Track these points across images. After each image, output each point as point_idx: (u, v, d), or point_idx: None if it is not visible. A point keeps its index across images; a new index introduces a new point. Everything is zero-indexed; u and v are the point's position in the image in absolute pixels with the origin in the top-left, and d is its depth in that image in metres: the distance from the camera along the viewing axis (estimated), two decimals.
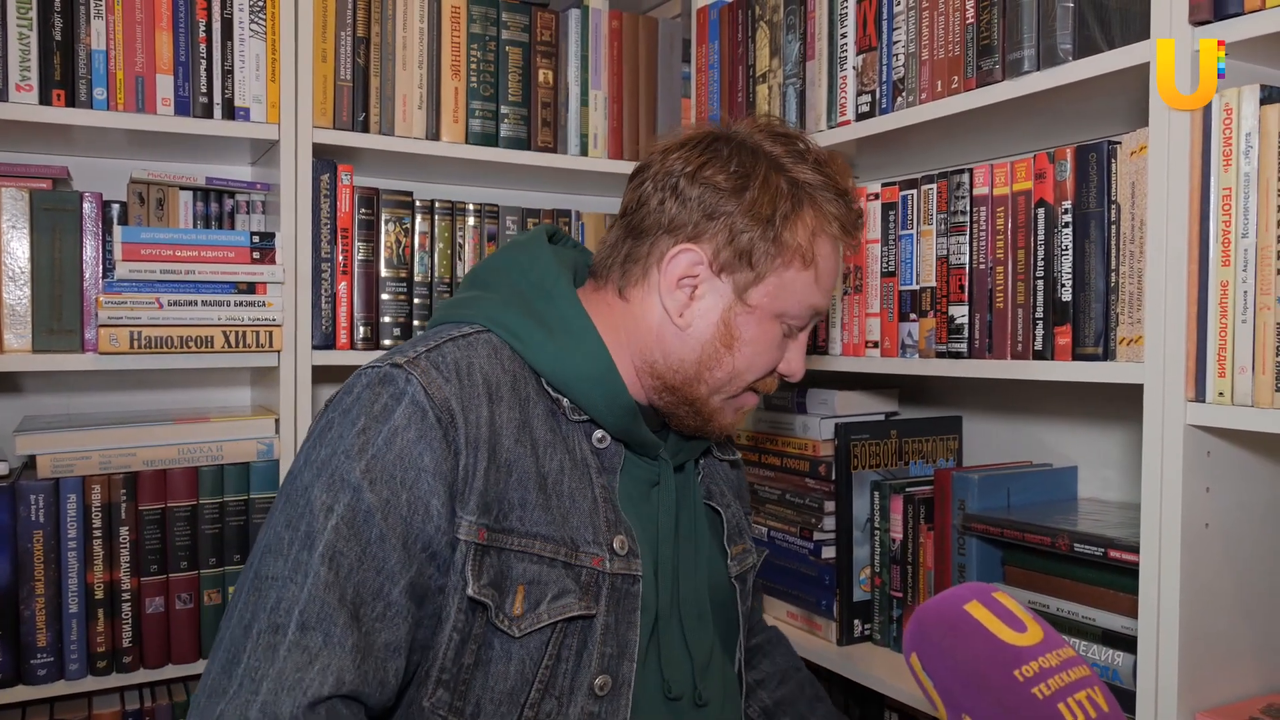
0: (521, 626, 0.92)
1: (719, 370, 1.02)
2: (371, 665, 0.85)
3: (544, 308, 1.02)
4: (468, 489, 0.91)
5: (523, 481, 0.94)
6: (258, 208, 1.74)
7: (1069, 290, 1.21)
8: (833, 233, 1.03)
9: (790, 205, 1.00)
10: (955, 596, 0.77)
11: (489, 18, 1.78)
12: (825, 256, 1.03)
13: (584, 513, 0.97)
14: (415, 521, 0.88)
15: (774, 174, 1.01)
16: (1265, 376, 0.99)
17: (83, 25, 1.49)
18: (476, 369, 0.95)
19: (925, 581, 1.51)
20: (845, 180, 1.05)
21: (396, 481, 0.88)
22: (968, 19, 1.32)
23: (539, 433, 0.97)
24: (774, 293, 1.01)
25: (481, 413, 0.92)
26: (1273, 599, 1.15)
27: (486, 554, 0.91)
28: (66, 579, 1.48)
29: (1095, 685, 0.72)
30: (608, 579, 0.96)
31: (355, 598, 0.85)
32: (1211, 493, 1.09)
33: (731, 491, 1.21)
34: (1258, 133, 1.00)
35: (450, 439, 0.90)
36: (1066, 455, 1.58)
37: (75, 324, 1.51)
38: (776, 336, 1.03)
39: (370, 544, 0.86)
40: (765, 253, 1.00)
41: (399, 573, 0.87)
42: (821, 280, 1.03)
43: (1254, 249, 1.00)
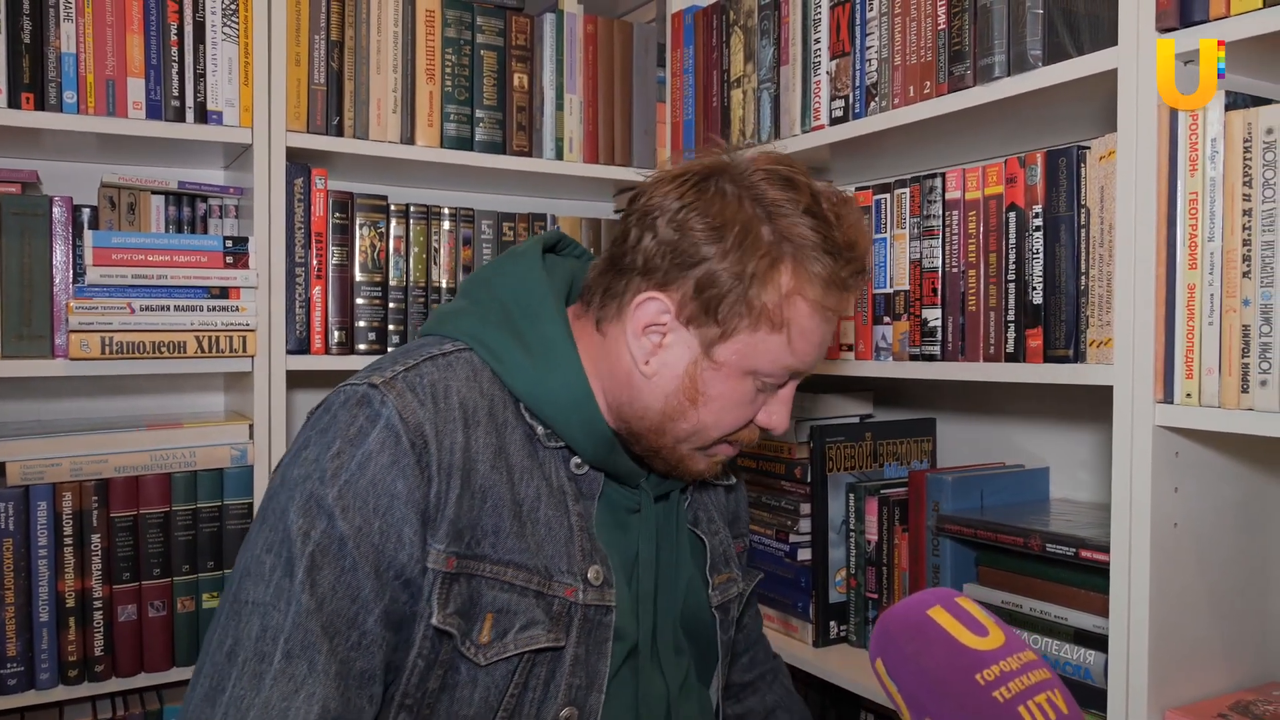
0: (487, 655, 0.90)
1: (684, 423, 0.98)
2: (353, 693, 0.85)
3: (527, 327, 0.99)
4: (439, 517, 0.89)
5: (497, 508, 0.92)
6: (231, 212, 1.73)
7: (1040, 293, 1.23)
8: (813, 296, 0.94)
9: (766, 263, 0.93)
10: (919, 602, 0.78)
11: (464, 21, 1.78)
12: (801, 319, 0.95)
13: (559, 541, 0.95)
14: (388, 549, 0.87)
15: (757, 225, 0.93)
16: (1231, 378, 1.01)
17: (52, 28, 1.47)
18: (454, 392, 0.93)
19: (900, 583, 1.52)
20: (850, 234, 0.96)
21: (369, 508, 0.87)
22: (939, 25, 1.33)
23: (515, 459, 0.95)
24: (743, 351, 0.95)
25: (456, 438, 0.91)
26: (1241, 597, 1.16)
27: (455, 581, 0.90)
28: (37, 587, 1.46)
29: (1056, 688, 0.73)
30: (580, 610, 0.94)
31: (330, 626, 0.84)
32: (1180, 493, 1.10)
33: (723, 518, 1.18)
34: (1223, 138, 1.02)
35: (424, 465, 0.89)
36: (1039, 456, 1.59)
37: (45, 329, 1.50)
38: (748, 393, 0.97)
39: (344, 572, 0.85)
40: (733, 311, 0.93)
41: (373, 601, 0.86)
42: (796, 344, 0.95)
43: (1220, 252, 1.02)
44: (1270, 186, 0.98)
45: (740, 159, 0.98)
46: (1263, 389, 0.98)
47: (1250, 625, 1.18)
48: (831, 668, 1.53)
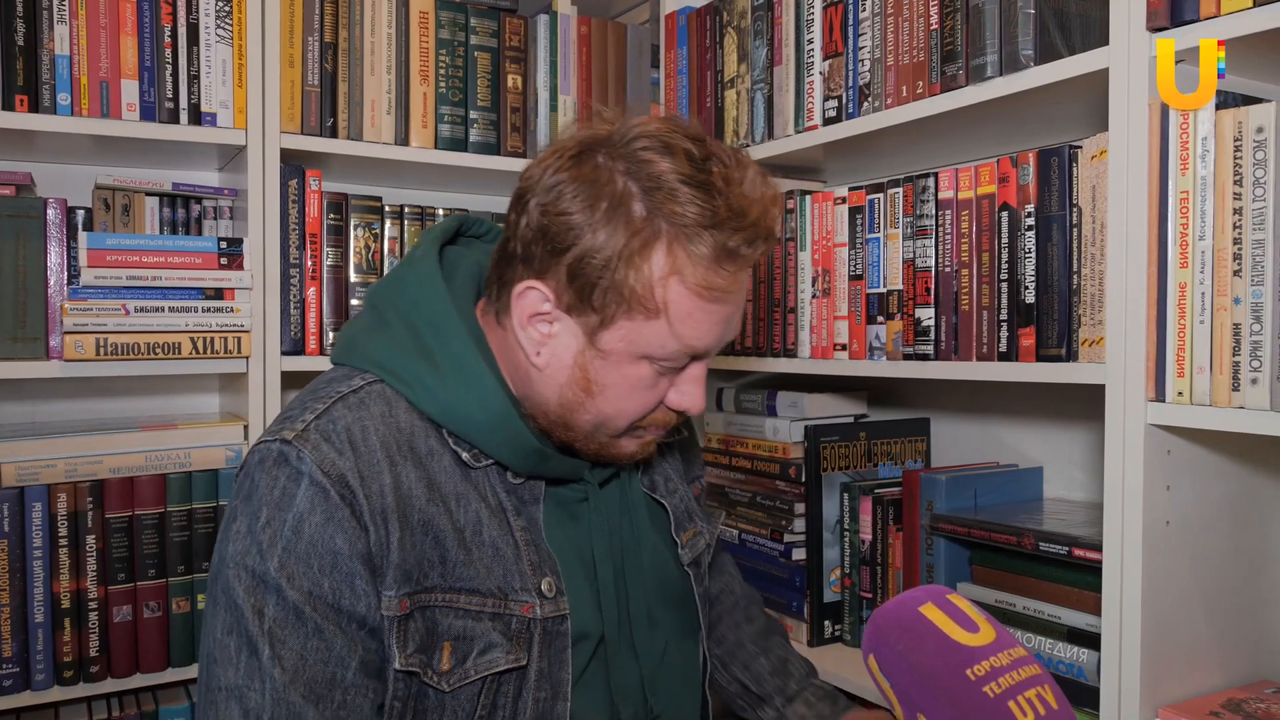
0: (450, 682, 0.89)
1: (584, 415, 0.94)
2: None
3: (436, 346, 0.94)
4: (385, 564, 0.87)
5: (440, 540, 0.90)
6: (225, 213, 1.73)
7: (1032, 292, 1.23)
8: (693, 278, 0.87)
9: (638, 244, 0.86)
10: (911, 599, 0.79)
11: (457, 23, 1.78)
12: (682, 303, 0.88)
13: (508, 560, 0.93)
14: (344, 604, 0.86)
15: (628, 202, 0.86)
16: (1223, 376, 1.01)
17: (46, 30, 1.47)
18: (371, 433, 0.90)
19: (895, 582, 1.53)
20: (740, 201, 0.88)
21: (315, 570, 0.85)
22: (932, 25, 1.34)
23: (448, 488, 0.92)
24: (627, 338, 0.90)
25: (384, 481, 0.88)
26: (1233, 595, 1.17)
27: (410, 620, 0.88)
28: (32, 588, 1.46)
29: (1045, 683, 0.73)
30: (539, 624, 0.93)
31: (312, 693, 0.84)
32: (1172, 491, 1.11)
33: (677, 473, 1.16)
34: (1214, 137, 1.02)
35: (358, 515, 0.86)
36: (1032, 456, 1.60)
37: (40, 331, 1.50)
38: (645, 378, 0.92)
39: (309, 638, 0.84)
40: (607, 298, 0.88)
41: (348, 655, 0.86)
42: (680, 329, 0.89)
43: (1211, 251, 1.02)
44: (1261, 185, 0.98)
45: (625, 126, 0.90)
46: (1254, 387, 0.99)
47: (1243, 623, 1.18)
48: (826, 667, 1.53)
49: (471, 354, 0.93)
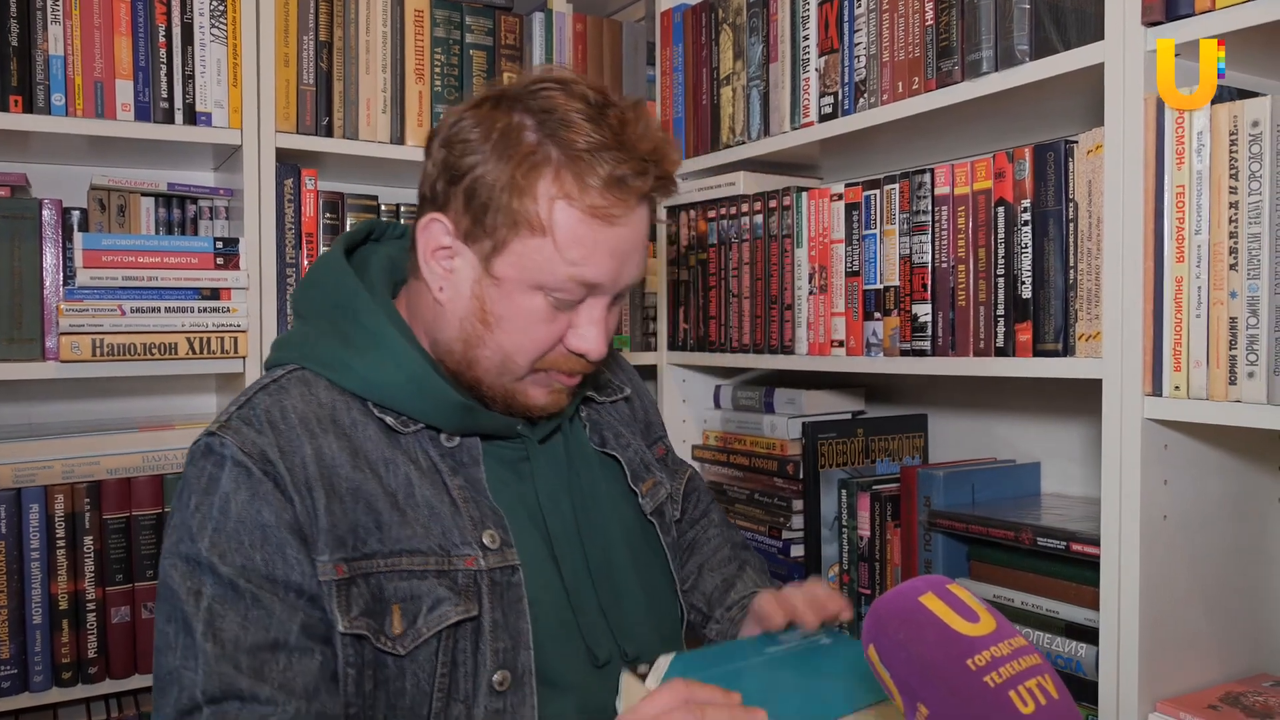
0: (405, 645, 0.91)
1: (485, 350, 0.97)
2: (304, 706, 0.86)
3: (349, 327, 0.99)
4: (314, 530, 0.90)
5: (372, 505, 0.92)
6: (221, 213, 1.73)
7: (1029, 287, 1.23)
8: (580, 199, 0.91)
9: (528, 167, 0.91)
10: (911, 589, 0.79)
11: (452, 21, 1.78)
12: (570, 225, 0.92)
13: (445, 517, 0.95)
14: (279, 574, 0.88)
15: (521, 130, 0.92)
16: (1219, 370, 1.01)
17: (40, 30, 1.47)
18: (290, 410, 0.94)
19: (893, 578, 1.53)
20: (630, 136, 0.93)
21: (245, 545, 0.88)
22: (927, 21, 1.34)
23: (374, 455, 0.95)
24: (518, 263, 0.93)
25: (305, 453, 0.92)
26: (1230, 589, 1.17)
27: (353, 585, 0.90)
28: (30, 590, 1.46)
29: (1046, 673, 0.73)
30: (485, 575, 0.94)
31: (254, 662, 0.86)
32: (1169, 485, 1.11)
33: (632, 429, 1.18)
34: (1209, 131, 1.02)
35: (281, 488, 0.90)
36: (1030, 451, 1.60)
37: (36, 332, 1.50)
38: (541, 310, 0.95)
39: (249, 608, 0.87)
40: (499, 220, 0.92)
41: (288, 620, 0.88)
42: (568, 251, 0.92)
43: (1206, 245, 1.03)
44: (1256, 179, 0.99)
45: (529, 77, 0.97)
46: (1250, 381, 0.99)
47: (1240, 617, 1.18)
48: None
49: (384, 326, 0.98)
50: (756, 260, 1.66)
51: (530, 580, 0.97)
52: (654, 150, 0.95)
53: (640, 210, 0.97)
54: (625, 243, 0.95)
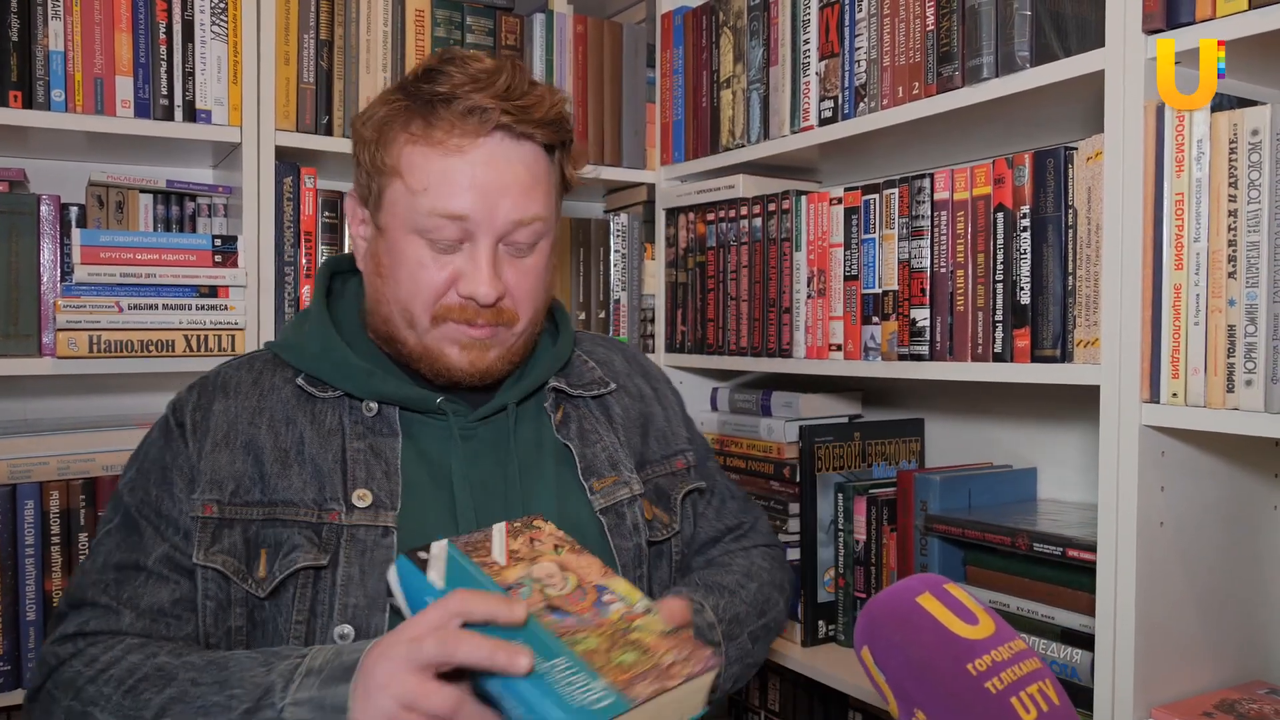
0: (265, 587, 0.98)
1: (385, 304, 1.06)
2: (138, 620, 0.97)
3: (305, 316, 1.13)
4: (197, 471, 1.02)
5: (259, 458, 1.02)
6: (220, 211, 1.72)
7: (1027, 293, 1.23)
8: (426, 139, 1.01)
9: (386, 122, 1.04)
10: (907, 589, 0.77)
11: (453, 21, 1.77)
12: (411, 160, 1.02)
13: (324, 474, 1.02)
14: (164, 507, 1.01)
15: (383, 100, 1.06)
16: (1217, 378, 1.02)
17: (40, 26, 1.47)
18: (219, 375, 1.09)
19: (889, 582, 1.53)
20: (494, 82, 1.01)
21: (148, 480, 1.03)
22: (928, 26, 1.34)
23: (278, 413, 1.05)
24: (390, 211, 1.04)
25: (214, 407, 1.05)
26: (1226, 596, 1.17)
27: (224, 526, 1.00)
28: (24, 586, 1.46)
29: (1047, 678, 0.72)
30: (346, 530, 0.99)
31: (116, 577, 0.99)
32: (1166, 492, 1.11)
33: (613, 428, 1.17)
34: (1209, 139, 1.03)
35: (184, 435, 1.04)
36: (1026, 457, 1.60)
37: (33, 328, 1.49)
38: (424, 254, 1.02)
39: (128, 535, 1.01)
40: (372, 177, 1.06)
41: (151, 548, 1.00)
42: (413, 182, 1.01)
43: (1205, 253, 1.03)
44: (1255, 187, 0.99)
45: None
46: (1248, 389, 0.99)
47: (1236, 624, 1.18)
48: (820, 667, 1.53)
49: (321, 313, 1.11)
50: (755, 263, 1.66)
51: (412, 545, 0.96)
52: (514, 89, 1.02)
53: (501, 143, 1.02)
54: (484, 173, 1.01)
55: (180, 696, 0.88)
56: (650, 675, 0.78)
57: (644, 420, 1.21)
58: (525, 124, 1.03)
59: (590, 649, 0.80)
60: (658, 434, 1.22)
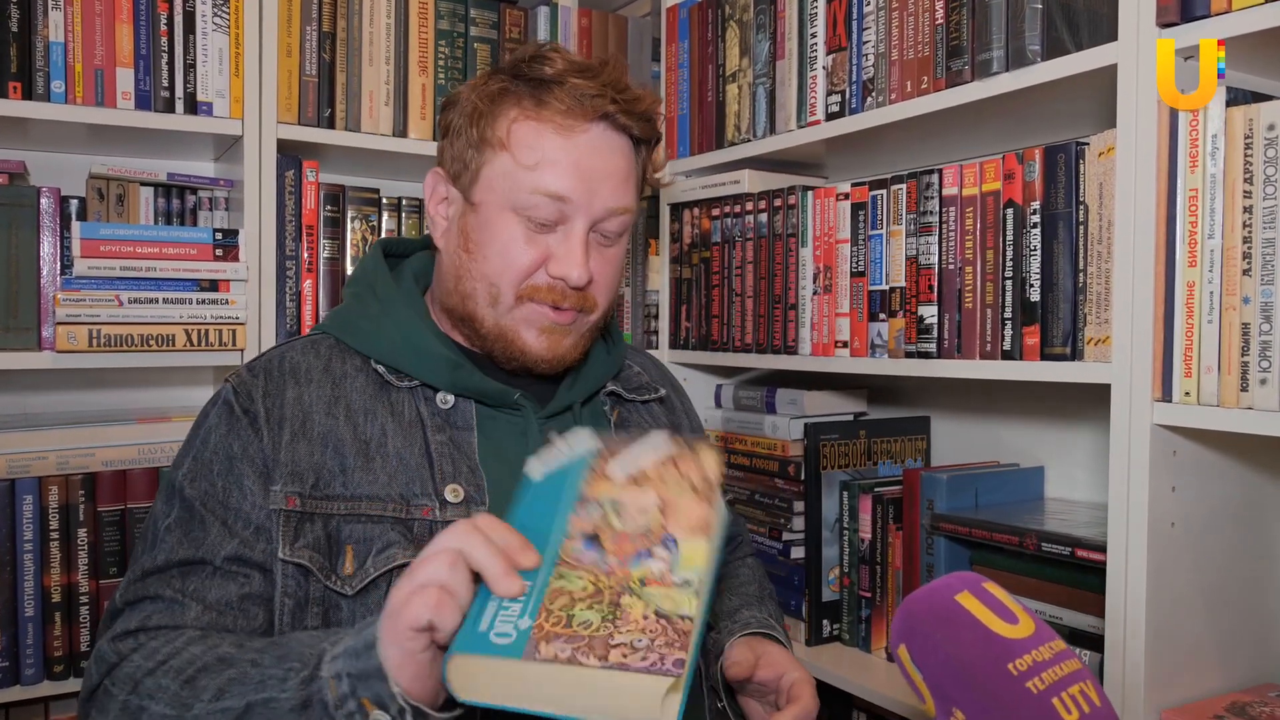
0: (353, 585, 0.95)
1: (470, 280, 1.04)
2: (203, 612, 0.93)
3: (370, 299, 1.09)
4: (275, 463, 0.98)
5: (340, 450, 0.99)
6: (221, 204, 1.71)
7: (1037, 290, 1.22)
8: (537, 116, 1.01)
9: (493, 98, 1.03)
10: (946, 586, 0.76)
11: (457, 14, 1.76)
12: (522, 135, 1.01)
13: (411, 469, 0.99)
14: (232, 502, 0.97)
15: (487, 78, 1.05)
16: (1231, 377, 1.00)
17: (40, 17, 1.45)
18: (286, 360, 1.04)
19: (894, 581, 1.52)
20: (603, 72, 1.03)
21: (213, 472, 0.98)
22: (937, 20, 1.32)
23: (356, 403, 1.02)
24: (488, 185, 1.02)
25: (286, 395, 1.01)
26: (1237, 598, 1.16)
27: (307, 520, 0.96)
28: (22, 582, 1.45)
29: (1088, 679, 0.71)
30: (441, 526, 0.95)
31: (180, 571, 0.95)
32: (1177, 492, 1.10)
33: None
34: (1223, 134, 1.01)
35: (255, 424, 0.99)
36: (1034, 455, 1.59)
37: (32, 321, 1.48)
38: (518, 232, 1.02)
39: (193, 529, 0.96)
40: (470, 149, 1.04)
41: (219, 545, 0.95)
42: (522, 157, 1.01)
43: (1220, 250, 1.01)
44: (1271, 183, 0.97)
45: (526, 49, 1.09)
46: (1262, 388, 0.98)
47: (1247, 626, 1.17)
48: (824, 666, 1.52)
49: (393, 294, 1.08)
50: (760, 259, 1.65)
51: None
52: (618, 81, 1.04)
53: (604, 132, 1.03)
54: (588, 157, 1.02)
55: (240, 677, 0.84)
56: (583, 645, 0.69)
57: (674, 429, 1.23)
58: (628, 116, 1.04)
59: (564, 589, 0.73)
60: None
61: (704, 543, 0.77)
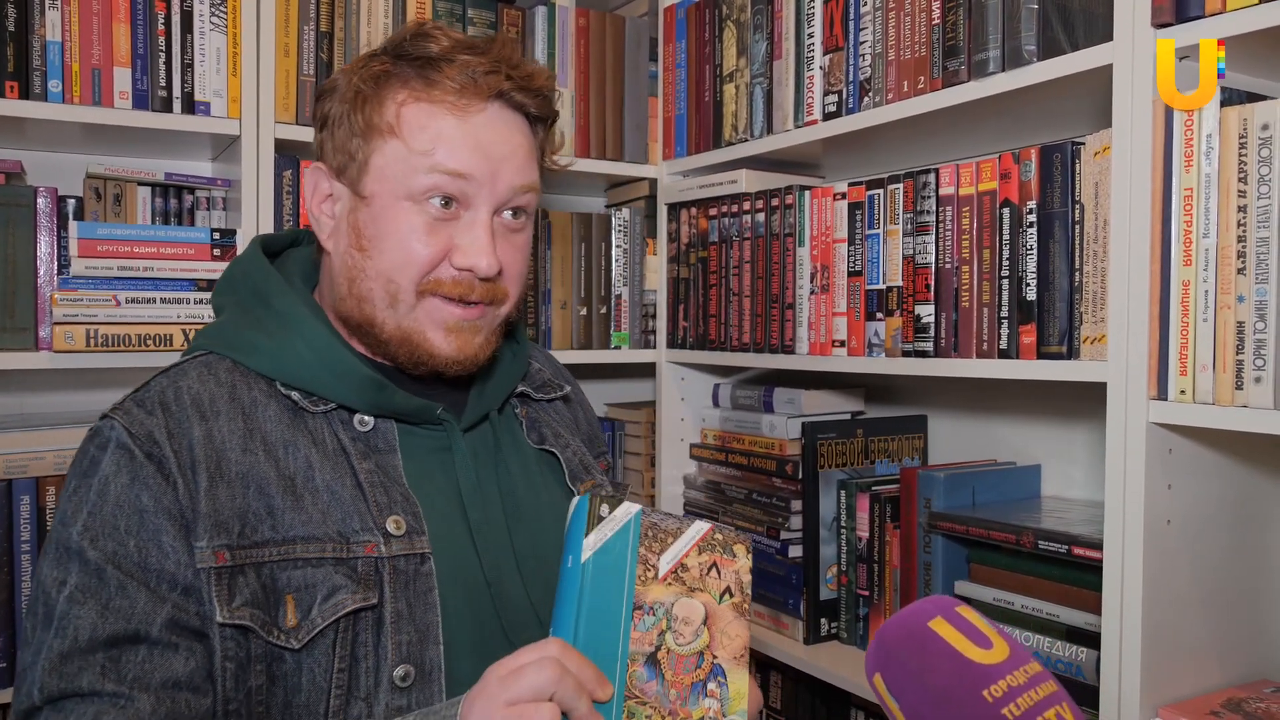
0: (299, 637, 0.86)
1: (365, 281, 0.96)
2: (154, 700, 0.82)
3: (262, 311, 0.99)
4: (194, 515, 0.86)
5: (263, 490, 0.89)
6: (219, 204, 1.71)
7: (1034, 289, 1.22)
8: (428, 96, 0.95)
9: (377, 81, 0.96)
10: (920, 612, 0.75)
11: (454, 14, 1.76)
12: (413, 118, 0.95)
13: (345, 502, 0.91)
14: (152, 562, 0.85)
15: (375, 60, 0.98)
16: (1226, 375, 1.01)
17: (37, 16, 1.45)
18: (184, 392, 0.92)
19: (891, 580, 1.52)
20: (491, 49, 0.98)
21: (121, 530, 0.85)
22: (934, 20, 1.33)
23: (273, 435, 0.92)
24: (380, 174, 0.95)
25: (193, 434, 0.89)
26: (1233, 595, 1.16)
27: (239, 574, 0.86)
28: (19, 582, 1.44)
29: (1064, 701, 0.71)
30: (387, 563, 0.90)
31: (109, 654, 0.82)
32: (1173, 490, 1.10)
33: (569, 430, 1.15)
34: (1218, 134, 1.02)
35: (165, 470, 0.87)
36: (1030, 454, 1.59)
37: (29, 321, 1.48)
38: (416, 222, 0.95)
39: (111, 598, 0.83)
40: (356, 139, 0.96)
41: (152, 612, 0.84)
42: (415, 141, 0.94)
43: (1214, 249, 1.02)
44: (1266, 183, 0.98)
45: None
46: (1257, 386, 0.98)
47: (1243, 622, 1.17)
48: (822, 665, 1.53)
49: (295, 306, 0.98)
50: (758, 259, 1.65)
51: (447, 572, 0.93)
52: (511, 57, 0.98)
53: (500, 110, 0.98)
54: (487, 137, 0.96)
55: None
56: None
57: (580, 422, 1.21)
58: (524, 93, 0.99)
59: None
60: (585, 435, 1.21)
61: (745, 673, 0.81)
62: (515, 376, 1.10)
